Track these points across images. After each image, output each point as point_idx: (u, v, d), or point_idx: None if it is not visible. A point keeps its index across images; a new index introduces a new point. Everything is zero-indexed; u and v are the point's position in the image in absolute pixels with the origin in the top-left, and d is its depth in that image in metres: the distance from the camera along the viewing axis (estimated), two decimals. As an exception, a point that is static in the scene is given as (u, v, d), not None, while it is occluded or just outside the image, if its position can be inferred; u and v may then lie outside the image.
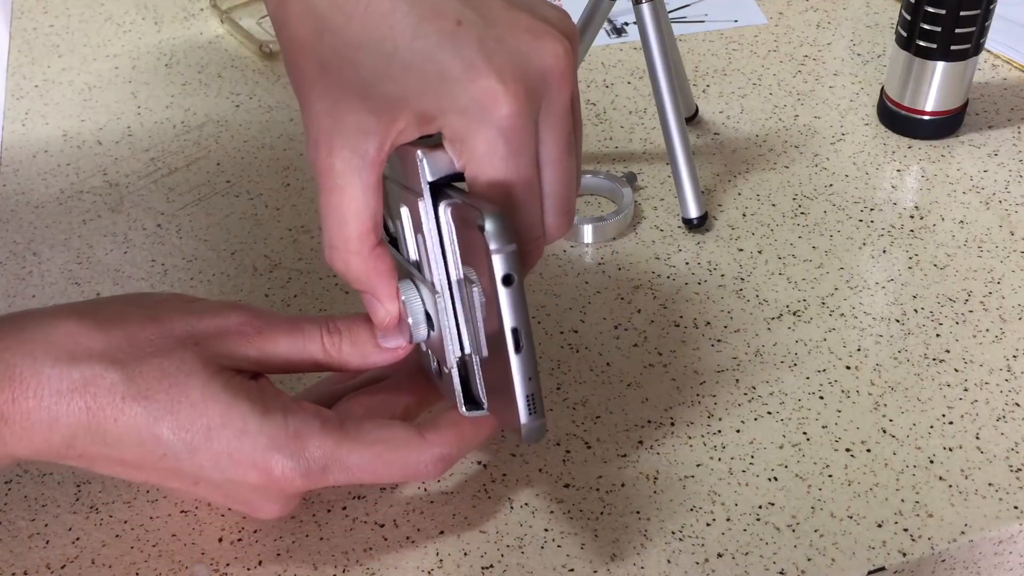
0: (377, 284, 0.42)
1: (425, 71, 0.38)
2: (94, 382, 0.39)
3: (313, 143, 0.40)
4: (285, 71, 0.42)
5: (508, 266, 0.38)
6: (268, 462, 0.41)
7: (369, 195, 0.40)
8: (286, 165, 0.70)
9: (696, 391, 0.54)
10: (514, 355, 0.40)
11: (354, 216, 0.40)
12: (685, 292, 0.60)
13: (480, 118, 0.39)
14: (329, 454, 0.41)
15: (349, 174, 0.40)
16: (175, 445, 0.40)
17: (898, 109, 0.70)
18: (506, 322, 0.39)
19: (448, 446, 0.43)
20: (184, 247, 0.64)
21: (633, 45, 0.80)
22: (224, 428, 0.40)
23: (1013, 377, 0.54)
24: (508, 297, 0.39)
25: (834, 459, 0.51)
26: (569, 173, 0.42)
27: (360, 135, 0.39)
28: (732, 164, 0.69)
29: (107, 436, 0.40)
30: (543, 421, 0.41)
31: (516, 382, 0.40)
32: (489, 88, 0.38)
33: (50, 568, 0.47)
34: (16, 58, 0.81)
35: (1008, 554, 0.49)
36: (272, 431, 0.41)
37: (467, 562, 0.47)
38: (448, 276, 0.42)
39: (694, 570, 0.46)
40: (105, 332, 0.41)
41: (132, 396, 0.40)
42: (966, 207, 0.65)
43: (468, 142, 0.39)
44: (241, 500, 0.43)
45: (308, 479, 0.41)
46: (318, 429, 0.41)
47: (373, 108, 0.39)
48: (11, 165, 0.70)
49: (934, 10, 0.65)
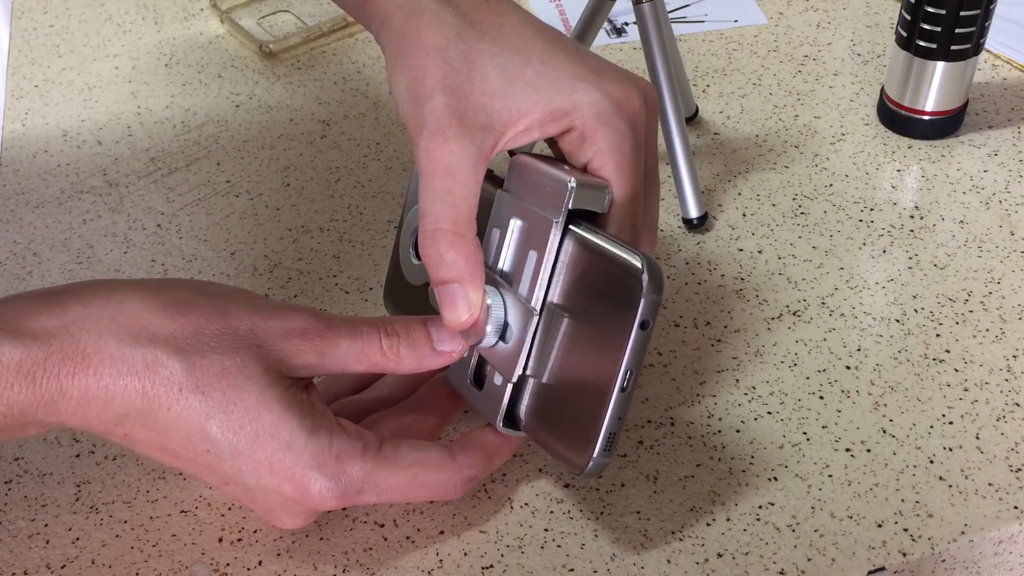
0: (473, 273, 0.43)
1: (559, 74, 0.44)
2: (154, 368, 0.40)
3: (430, 132, 0.42)
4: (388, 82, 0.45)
5: (649, 313, 0.41)
6: (307, 479, 0.41)
7: (478, 186, 0.43)
8: (286, 165, 0.70)
9: (696, 391, 0.54)
10: (618, 393, 0.41)
11: (464, 200, 0.42)
12: (685, 292, 0.60)
13: (613, 111, 0.43)
14: (368, 478, 0.42)
15: (466, 161, 0.42)
16: (220, 444, 0.41)
17: (898, 109, 0.70)
18: (626, 361, 0.41)
19: (476, 468, 0.45)
20: (184, 247, 0.64)
21: (633, 45, 0.80)
22: (271, 438, 0.41)
23: (1013, 377, 0.54)
24: (638, 341, 0.41)
25: (834, 459, 0.51)
26: (657, 192, 0.48)
27: (480, 130, 0.42)
28: (732, 164, 0.69)
29: (157, 423, 0.40)
30: (609, 460, 0.42)
31: (607, 418, 0.41)
32: (622, 86, 0.44)
33: (50, 568, 0.47)
34: (16, 58, 0.81)
35: (1008, 554, 0.49)
36: (316, 450, 0.42)
37: (467, 562, 0.47)
38: (545, 299, 0.44)
39: (694, 570, 0.46)
40: (171, 318, 0.41)
41: (190, 388, 0.40)
42: (966, 207, 0.65)
43: (599, 134, 0.43)
44: (266, 507, 0.43)
45: (343, 500, 0.42)
46: (360, 453, 0.43)
47: (497, 109, 0.43)
48: (11, 165, 0.71)
49: (934, 10, 0.65)
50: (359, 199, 0.67)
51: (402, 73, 0.43)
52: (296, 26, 0.82)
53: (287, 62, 0.79)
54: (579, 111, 0.43)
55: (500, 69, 0.43)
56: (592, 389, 0.42)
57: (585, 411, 0.42)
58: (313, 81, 0.77)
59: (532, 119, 0.43)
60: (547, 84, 0.43)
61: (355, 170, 0.69)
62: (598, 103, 0.43)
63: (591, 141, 0.44)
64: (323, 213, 0.66)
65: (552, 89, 0.43)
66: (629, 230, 0.45)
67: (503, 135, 0.43)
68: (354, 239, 0.64)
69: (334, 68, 0.79)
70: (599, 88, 0.44)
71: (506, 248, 0.46)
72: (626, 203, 0.44)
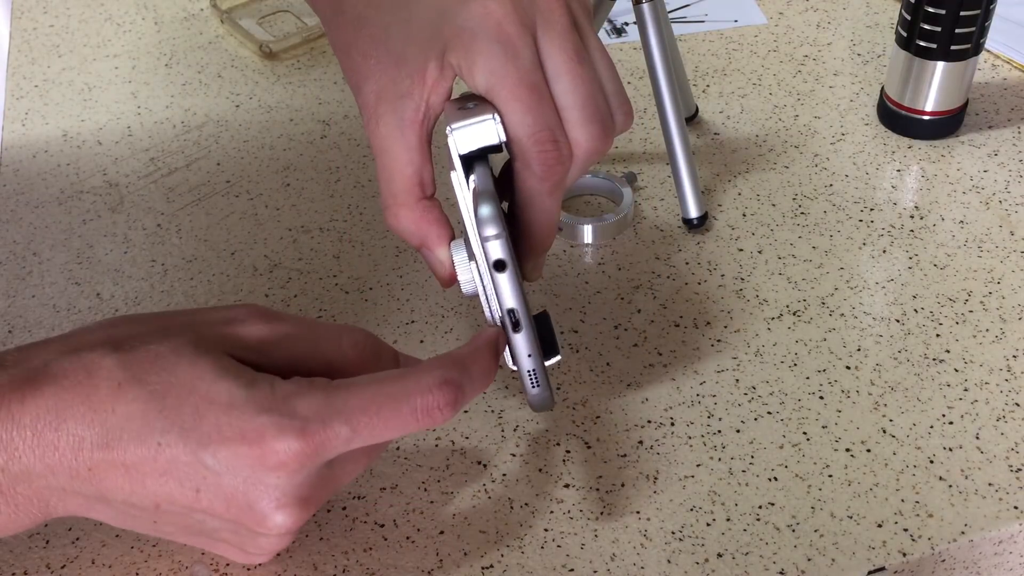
0: (427, 232, 0.46)
1: (431, 17, 0.44)
2: (93, 372, 0.39)
3: (366, 120, 0.45)
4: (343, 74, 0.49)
5: (500, 251, 0.41)
6: (259, 428, 0.38)
7: (412, 153, 0.45)
8: (286, 165, 0.70)
9: (696, 391, 0.54)
10: (513, 335, 0.43)
11: (399, 173, 0.45)
12: (685, 292, 0.60)
13: (474, 33, 0.43)
14: (324, 406, 0.39)
15: (393, 136, 0.45)
16: (168, 430, 0.39)
17: (898, 109, 0.70)
18: (503, 304, 0.42)
19: (447, 368, 0.41)
20: (184, 247, 0.64)
21: (633, 45, 0.80)
22: (211, 405, 0.39)
23: (1013, 377, 0.54)
24: (502, 281, 0.42)
25: (834, 459, 0.51)
26: (586, 83, 0.44)
27: (398, 100, 0.44)
28: (732, 164, 0.69)
29: (109, 435, 0.39)
30: (548, 394, 0.44)
31: (519, 359, 0.43)
32: (480, 5, 0.43)
33: (50, 568, 0.47)
34: (16, 58, 0.81)
35: (1008, 554, 0.49)
36: (258, 397, 0.39)
37: (467, 562, 0.47)
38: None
39: (694, 570, 0.46)
40: (110, 326, 0.42)
41: (127, 381, 0.39)
42: (966, 207, 0.65)
43: (470, 60, 0.43)
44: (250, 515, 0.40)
45: (308, 439, 0.39)
46: (307, 387, 0.40)
47: (405, 73, 0.44)
48: (11, 165, 0.70)
49: (934, 10, 0.65)
50: (359, 199, 0.67)
51: (344, 74, 0.48)
52: (296, 26, 0.82)
53: (287, 62, 0.79)
54: (449, 48, 0.44)
55: (398, 33, 0.45)
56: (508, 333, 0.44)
57: (512, 354, 0.45)
58: (313, 81, 0.77)
59: (433, 72, 0.44)
60: (428, 30, 0.44)
61: (355, 170, 0.69)
62: (460, 33, 0.43)
63: (468, 72, 0.44)
64: (323, 213, 0.66)
65: (430, 35, 0.44)
66: (535, 142, 0.43)
67: (421, 97, 0.44)
68: (354, 239, 0.64)
69: (334, 68, 0.79)
70: (460, 15, 0.43)
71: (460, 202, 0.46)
72: (520, 119, 0.43)
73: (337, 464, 0.41)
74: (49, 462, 0.39)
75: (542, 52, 0.44)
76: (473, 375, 0.42)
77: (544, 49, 0.44)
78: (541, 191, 0.45)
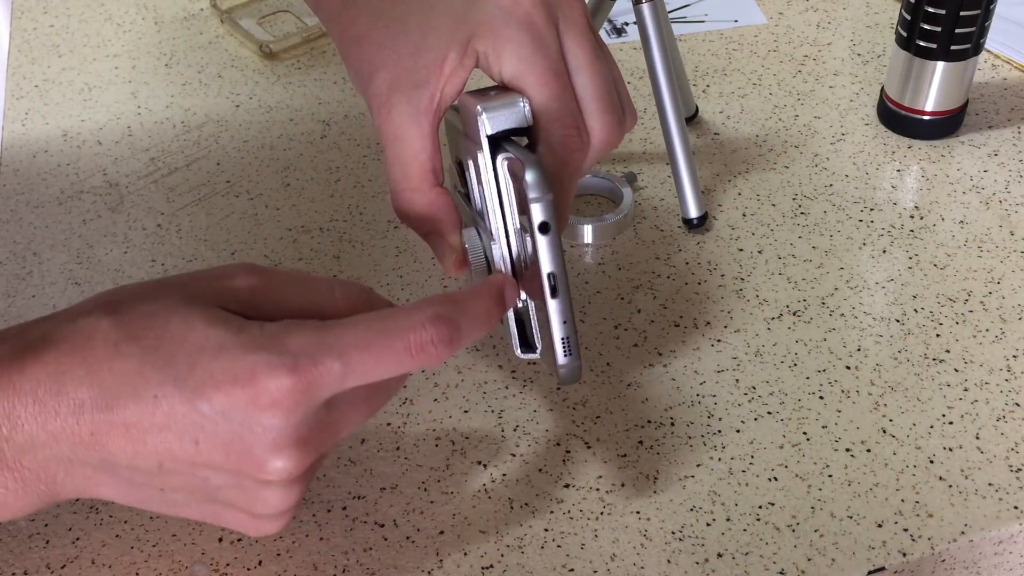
0: (439, 219, 0.47)
1: (456, 7, 0.46)
2: (91, 335, 0.39)
3: (376, 109, 0.46)
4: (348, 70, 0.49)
5: (545, 214, 0.42)
6: (250, 366, 0.38)
7: (426, 141, 0.46)
8: (286, 165, 0.70)
9: (696, 391, 0.54)
10: (550, 299, 0.43)
11: (413, 159, 0.46)
12: (685, 292, 0.60)
13: (504, 21, 0.45)
14: (316, 341, 0.39)
15: (407, 124, 0.46)
16: (164, 382, 0.39)
17: (898, 109, 0.70)
18: (543, 267, 0.42)
19: (440, 306, 0.41)
20: (184, 247, 0.64)
21: (633, 45, 0.80)
22: (202, 352, 0.39)
23: (1013, 377, 0.54)
24: (545, 244, 0.42)
25: (834, 459, 0.51)
26: (604, 77, 0.47)
27: (413, 89, 0.46)
28: (732, 164, 0.69)
29: (107, 393, 0.39)
30: (579, 364, 0.44)
31: (553, 325, 0.43)
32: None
33: (50, 568, 0.47)
34: (16, 58, 0.81)
35: (1008, 554, 0.49)
36: (248, 338, 0.39)
37: (467, 562, 0.47)
38: (505, 225, 0.45)
39: (694, 570, 0.46)
40: (103, 294, 0.42)
41: (123, 339, 0.39)
42: (966, 207, 0.65)
43: (498, 47, 0.45)
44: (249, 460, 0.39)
45: (300, 375, 0.38)
46: (297, 325, 0.40)
47: (422, 63, 0.45)
48: (11, 165, 0.71)
49: (934, 10, 0.65)
50: (359, 199, 0.67)
51: (349, 67, 0.48)
52: (296, 26, 0.82)
53: (287, 62, 0.79)
54: (477, 35, 0.45)
55: (416, 23, 0.46)
56: (541, 302, 0.44)
57: (543, 323, 0.45)
58: (313, 81, 0.77)
59: (452, 61, 0.46)
60: (450, 19, 0.46)
61: (355, 170, 0.69)
62: (489, 21, 0.45)
63: (495, 58, 0.46)
64: (323, 213, 0.66)
65: (453, 24, 0.46)
66: (560, 126, 0.46)
67: (436, 86, 0.46)
68: (354, 239, 0.64)
69: (334, 68, 0.79)
70: (491, 4, 0.46)
71: (474, 187, 0.47)
72: (547, 104, 0.46)
73: (336, 408, 0.41)
74: (51, 429, 0.39)
75: (564, 46, 0.47)
76: (471, 314, 0.42)
77: (566, 44, 0.47)
78: (561, 176, 0.46)
